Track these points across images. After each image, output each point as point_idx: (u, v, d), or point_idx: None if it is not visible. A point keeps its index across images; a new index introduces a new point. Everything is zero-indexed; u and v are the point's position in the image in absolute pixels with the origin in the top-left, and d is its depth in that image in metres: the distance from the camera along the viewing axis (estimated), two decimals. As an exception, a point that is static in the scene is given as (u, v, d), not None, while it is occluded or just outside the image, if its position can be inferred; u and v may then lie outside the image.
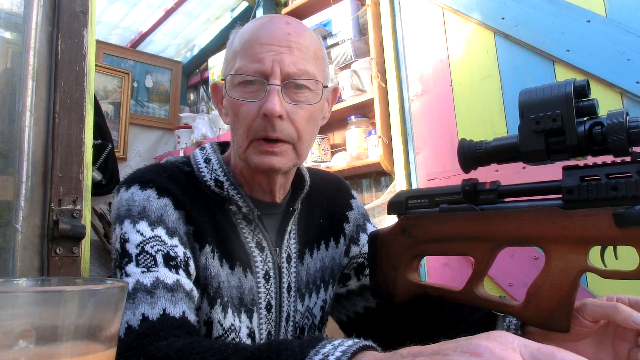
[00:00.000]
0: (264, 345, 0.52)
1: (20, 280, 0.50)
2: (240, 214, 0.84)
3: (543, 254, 0.66)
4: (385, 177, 2.27)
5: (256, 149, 0.78)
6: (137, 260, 0.71)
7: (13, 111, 1.18)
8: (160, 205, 0.76)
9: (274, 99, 0.75)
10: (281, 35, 0.78)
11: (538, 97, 0.64)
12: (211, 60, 3.30)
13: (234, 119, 0.81)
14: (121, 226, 0.75)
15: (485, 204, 0.71)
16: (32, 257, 1.16)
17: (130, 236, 0.73)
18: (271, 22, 0.81)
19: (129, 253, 0.72)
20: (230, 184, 0.83)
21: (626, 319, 0.63)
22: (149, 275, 0.69)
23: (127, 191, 0.78)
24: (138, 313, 0.66)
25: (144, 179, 0.79)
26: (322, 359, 0.46)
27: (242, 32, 0.83)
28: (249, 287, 0.82)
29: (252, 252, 0.84)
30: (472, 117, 1.80)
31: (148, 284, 0.68)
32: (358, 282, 0.98)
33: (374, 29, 2.18)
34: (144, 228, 0.74)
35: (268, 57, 0.76)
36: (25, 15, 1.21)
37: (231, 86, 0.79)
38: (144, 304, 0.67)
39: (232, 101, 0.79)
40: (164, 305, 0.67)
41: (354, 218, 1.02)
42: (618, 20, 1.49)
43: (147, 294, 0.67)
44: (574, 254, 0.63)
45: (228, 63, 0.83)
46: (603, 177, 0.61)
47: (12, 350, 0.36)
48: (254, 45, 0.77)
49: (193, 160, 0.87)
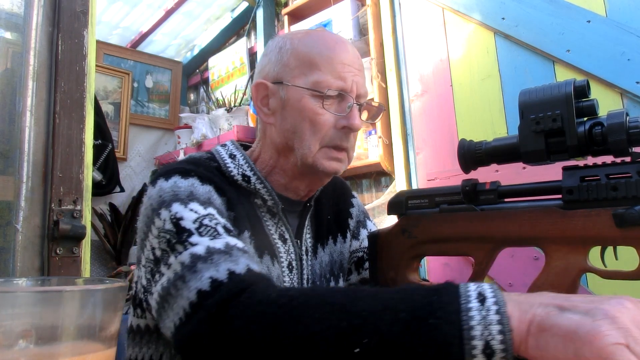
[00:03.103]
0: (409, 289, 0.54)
1: (20, 280, 0.50)
2: (265, 207, 0.88)
3: (543, 254, 0.66)
4: (386, 178, 2.27)
5: (326, 155, 0.85)
6: (199, 232, 0.69)
7: (13, 111, 1.18)
8: (205, 190, 0.78)
9: (358, 117, 0.86)
10: (355, 58, 0.88)
11: (538, 98, 0.64)
12: (211, 61, 3.30)
13: (304, 124, 0.84)
14: (169, 209, 0.73)
15: (485, 204, 0.71)
16: (33, 257, 1.16)
17: (184, 214, 0.72)
18: (343, 42, 0.88)
19: (187, 228, 0.70)
20: (257, 178, 0.87)
21: None
22: (219, 241, 0.68)
23: (167, 181, 0.78)
24: (222, 269, 0.63)
25: (184, 169, 0.80)
26: (477, 290, 0.50)
27: (314, 45, 0.86)
28: (277, 275, 0.85)
29: (276, 243, 0.88)
30: (472, 117, 1.80)
31: (222, 247, 0.67)
32: (358, 276, 1.02)
33: (374, 29, 2.17)
34: (197, 207, 0.73)
35: (349, 77, 0.85)
36: (26, 15, 1.21)
37: (308, 95, 0.84)
38: (227, 262, 0.65)
39: (309, 108, 0.84)
40: (247, 262, 0.66)
41: (356, 214, 1.06)
42: (618, 20, 1.48)
43: (224, 254, 0.66)
44: (574, 255, 0.63)
45: (292, 69, 0.86)
46: (603, 177, 0.61)
47: (12, 350, 0.36)
48: (336, 63, 0.85)
49: (217, 155, 0.89)
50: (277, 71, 0.88)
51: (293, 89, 0.85)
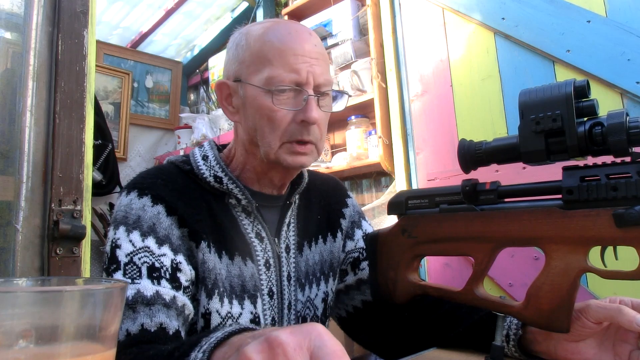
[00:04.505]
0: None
1: (20, 280, 0.50)
2: (240, 206, 0.89)
3: (543, 254, 0.66)
4: (386, 178, 2.27)
5: (289, 150, 0.84)
6: (124, 270, 0.77)
7: (13, 111, 1.18)
8: (153, 213, 0.81)
9: (315, 109, 0.83)
10: (310, 47, 0.85)
11: (538, 98, 0.64)
12: (211, 61, 3.30)
13: (262, 122, 0.84)
14: (115, 231, 0.80)
15: (485, 204, 0.71)
16: (33, 257, 1.16)
17: (122, 244, 0.78)
18: (297, 32, 0.86)
19: (119, 261, 0.78)
20: (229, 178, 0.87)
21: (630, 321, 0.63)
22: (132, 287, 0.75)
23: (126, 197, 0.83)
24: (124, 328, 0.73)
25: (142, 186, 0.83)
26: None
27: (266, 39, 0.85)
28: (250, 274, 0.87)
29: (252, 242, 0.89)
30: (472, 118, 1.80)
31: (129, 297, 0.74)
32: (355, 277, 1.02)
33: (374, 29, 2.18)
34: (136, 238, 0.79)
35: (303, 68, 0.83)
36: (26, 15, 1.21)
37: (262, 92, 0.83)
38: (128, 320, 0.73)
39: (265, 106, 0.83)
40: (142, 321, 0.73)
41: (350, 215, 1.06)
42: (618, 20, 1.48)
43: (129, 309, 0.74)
44: (574, 255, 0.63)
45: (248, 67, 0.85)
46: (603, 177, 0.61)
47: (12, 350, 0.36)
48: (288, 55, 0.82)
49: (192, 158, 0.91)
50: (235, 69, 0.88)
51: (249, 87, 0.85)
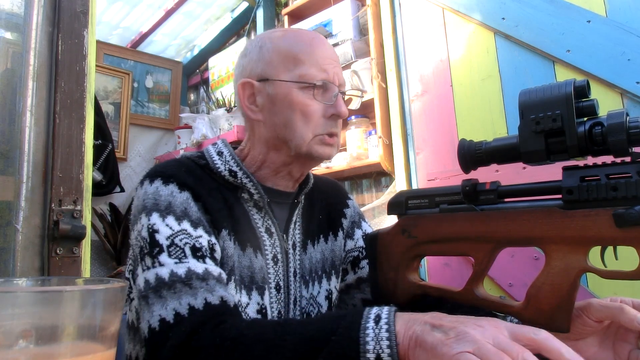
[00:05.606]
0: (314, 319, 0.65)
1: (20, 280, 0.50)
2: (252, 201, 0.92)
3: (543, 254, 0.66)
4: (386, 178, 2.27)
5: (320, 142, 0.91)
6: (169, 252, 0.78)
7: (14, 111, 1.18)
8: (183, 199, 0.83)
9: (344, 105, 0.91)
10: (332, 52, 0.94)
11: (538, 98, 0.64)
12: (211, 61, 3.30)
13: (295, 116, 0.89)
14: (149, 217, 0.81)
15: (485, 204, 0.71)
16: (33, 257, 1.16)
17: (160, 228, 0.80)
18: (318, 37, 0.95)
19: (160, 244, 0.78)
20: (244, 173, 0.90)
21: (631, 320, 0.64)
22: (182, 266, 0.76)
23: (151, 185, 0.85)
24: (184, 303, 0.73)
25: (166, 174, 0.85)
26: (376, 312, 0.61)
27: (293, 41, 0.91)
28: (260, 267, 0.89)
29: (262, 236, 0.92)
30: (472, 118, 1.80)
31: (182, 274, 0.76)
32: (355, 275, 1.04)
33: (374, 29, 2.17)
34: (172, 222, 0.80)
35: (330, 68, 0.91)
36: (26, 15, 1.21)
37: (296, 88, 0.89)
38: (187, 295, 0.74)
39: (299, 100, 0.89)
40: (204, 295, 0.74)
41: (350, 215, 1.09)
42: (618, 20, 1.48)
43: (185, 286, 0.75)
44: (574, 255, 0.63)
45: (277, 66, 0.91)
46: (603, 177, 0.61)
47: (12, 350, 0.36)
48: (318, 56, 0.91)
49: (207, 154, 0.94)
50: (261, 69, 0.92)
51: (280, 84, 0.90)
